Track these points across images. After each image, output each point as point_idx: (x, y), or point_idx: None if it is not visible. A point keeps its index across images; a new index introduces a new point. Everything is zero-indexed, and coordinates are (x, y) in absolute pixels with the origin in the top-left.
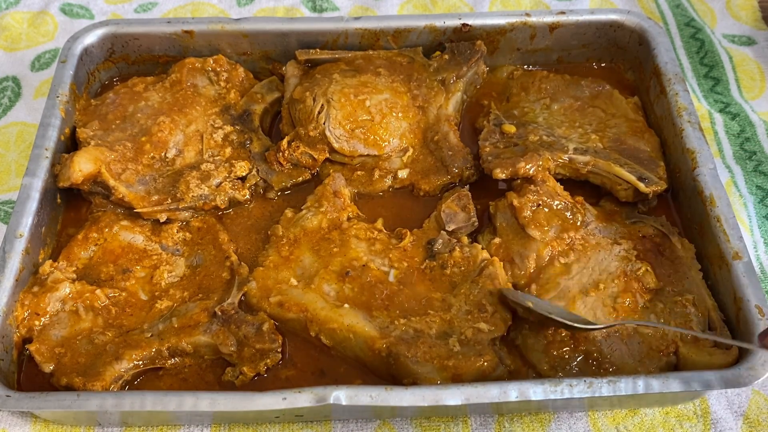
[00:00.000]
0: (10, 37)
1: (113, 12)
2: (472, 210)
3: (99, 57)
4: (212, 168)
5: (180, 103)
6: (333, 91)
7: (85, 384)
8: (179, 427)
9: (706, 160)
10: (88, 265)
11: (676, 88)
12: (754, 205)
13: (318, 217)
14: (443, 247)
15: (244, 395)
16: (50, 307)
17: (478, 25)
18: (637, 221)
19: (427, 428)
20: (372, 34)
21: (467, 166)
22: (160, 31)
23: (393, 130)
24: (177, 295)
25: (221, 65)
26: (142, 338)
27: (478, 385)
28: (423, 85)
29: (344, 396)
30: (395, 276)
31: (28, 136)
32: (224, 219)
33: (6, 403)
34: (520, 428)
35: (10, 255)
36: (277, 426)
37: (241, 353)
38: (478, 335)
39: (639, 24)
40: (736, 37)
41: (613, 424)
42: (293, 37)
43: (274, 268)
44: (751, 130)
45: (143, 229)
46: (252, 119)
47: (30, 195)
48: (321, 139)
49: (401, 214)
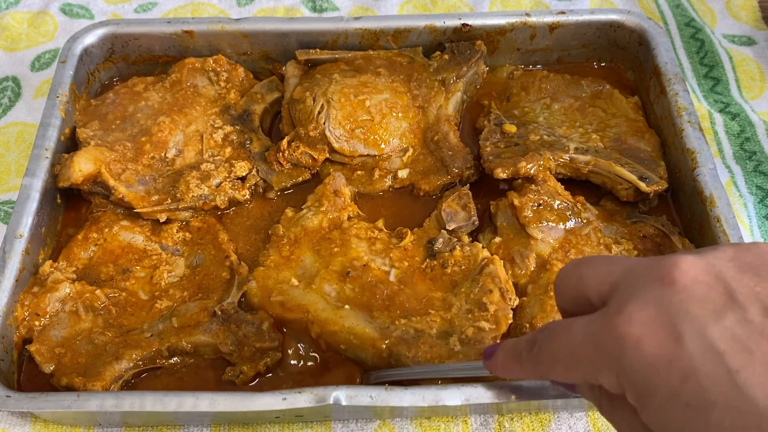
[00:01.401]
0: (10, 37)
1: (113, 12)
2: (472, 209)
3: (99, 57)
4: (212, 168)
5: (180, 103)
6: (333, 91)
7: (86, 384)
8: (179, 427)
9: (706, 160)
10: (88, 266)
11: (676, 88)
12: (754, 205)
13: (318, 217)
14: (444, 246)
15: (244, 395)
16: (50, 308)
17: (478, 25)
18: (637, 221)
19: (428, 428)
20: (372, 34)
21: (467, 166)
22: (160, 31)
23: (393, 130)
24: (177, 295)
25: (221, 65)
26: (142, 338)
27: (478, 385)
28: (423, 85)
29: (344, 396)
30: (396, 276)
31: (28, 136)
32: (224, 219)
33: (6, 403)
34: (520, 428)
35: (10, 255)
36: (277, 426)
37: (241, 352)
38: (479, 334)
39: (639, 24)
40: (736, 37)
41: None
42: (293, 37)
43: (275, 267)
44: (751, 130)
45: (143, 229)
46: (252, 119)
47: (30, 195)
48: (321, 139)
49: (401, 213)
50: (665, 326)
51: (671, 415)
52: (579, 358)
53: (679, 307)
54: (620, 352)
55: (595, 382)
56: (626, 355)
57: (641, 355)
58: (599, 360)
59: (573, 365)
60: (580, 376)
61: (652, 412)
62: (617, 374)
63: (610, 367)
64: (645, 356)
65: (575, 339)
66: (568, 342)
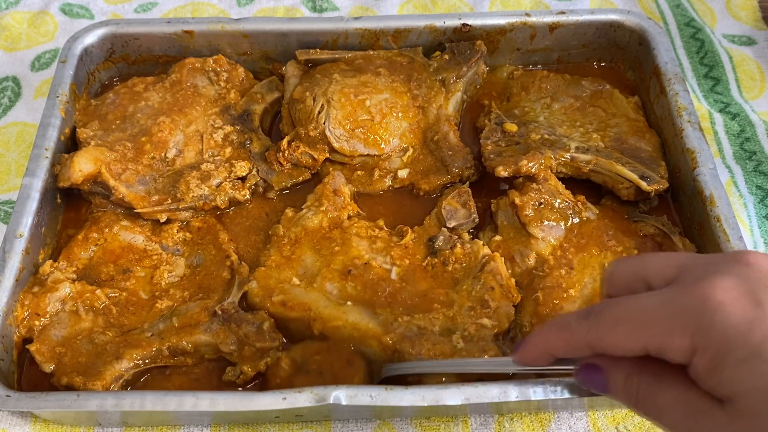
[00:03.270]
0: (10, 37)
1: (113, 12)
2: (472, 206)
3: (99, 57)
4: (212, 168)
5: (180, 103)
6: (333, 91)
7: (86, 383)
8: (179, 427)
9: (706, 160)
10: (88, 266)
11: (676, 88)
12: (754, 205)
13: (319, 216)
14: (444, 243)
15: (244, 395)
16: (50, 307)
17: (478, 25)
18: (638, 220)
19: (427, 428)
20: (372, 34)
21: (467, 165)
22: (160, 31)
23: (393, 130)
24: (177, 294)
25: (221, 65)
26: (143, 338)
27: (479, 385)
28: (423, 85)
29: (344, 396)
30: (397, 273)
31: (28, 136)
32: (224, 219)
33: (6, 403)
34: (520, 428)
35: (10, 255)
36: (277, 426)
37: (242, 352)
38: (481, 331)
39: (639, 24)
40: (736, 37)
41: (613, 423)
42: (293, 37)
43: (276, 267)
44: (751, 130)
45: (143, 229)
46: (252, 119)
47: (30, 195)
48: (321, 139)
49: (401, 213)
50: (748, 294)
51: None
52: (649, 320)
53: (759, 282)
54: (701, 313)
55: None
56: (708, 315)
57: (725, 315)
58: (675, 321)
59: (641, 327)
60: (644, 340)
61: (728, 370)
62: (693, 334)
63: (685, 328)
64: (729, 316)
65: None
66: (637, 306)
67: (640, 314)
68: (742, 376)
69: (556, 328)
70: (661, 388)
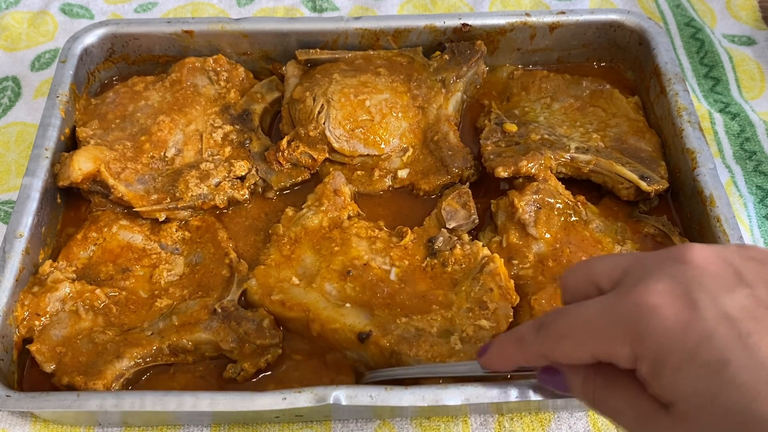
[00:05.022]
0: (10, 37)
1: (113, 12)
2: (472, 207)
3: (99, 57)
4: (212, 167)
5: (180, 103)
6: (333, 91)
7: (87, 383)
8: (179, 427)
9: (706, 160)
10: (88, 265)
11: (676, 88)
12: (754, 205)
13: (319, 216)
14: (444, 244)
15: (244, 395)
16: (50, 307)
17: (478, 25)
18: (638, 220)
19: (427, 428)
20: (372, 34)
21: (467, 166)
22: (160, 31)
23: (393, 130)
24: (177, 293)
25: (221, 65)
26: (143, 336)
27: (478, 385)
28: (423, 85)
29: (344, 396)
30: (396, 274)
31: (28, 136)
32: (223, 218)
33: (6, 403)
34: (520, 428)
35: (10, 255)
36: (277, 426)
37: (242, 349)
38: (479, 333)
39: (639, 24)
40: (736, 37)
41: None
42: (293, 37)
43: (275, 266)
44: (751, 130)
45: (142, 228)
46: (252, 119)
47: (30, 195)
48: (321, 139)
49: (401, 213)
50: (682, 296)
51: (687, 375)
52: (592, 330)
53: (694, 281)
54: (637, 320)
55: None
56: (643, 322)
57: (659, 320)
58: (614, 330)
59: (585, 338)
60: (590, 350)
61: (666, 376)
62: (632, 342)
63: (625, 336)
64: (663, 321)
65: (588, 313)
66: (580, 317)
67: (583, 325)
68: (681, 382)
69: (513, 340)
70: (614, 393)
